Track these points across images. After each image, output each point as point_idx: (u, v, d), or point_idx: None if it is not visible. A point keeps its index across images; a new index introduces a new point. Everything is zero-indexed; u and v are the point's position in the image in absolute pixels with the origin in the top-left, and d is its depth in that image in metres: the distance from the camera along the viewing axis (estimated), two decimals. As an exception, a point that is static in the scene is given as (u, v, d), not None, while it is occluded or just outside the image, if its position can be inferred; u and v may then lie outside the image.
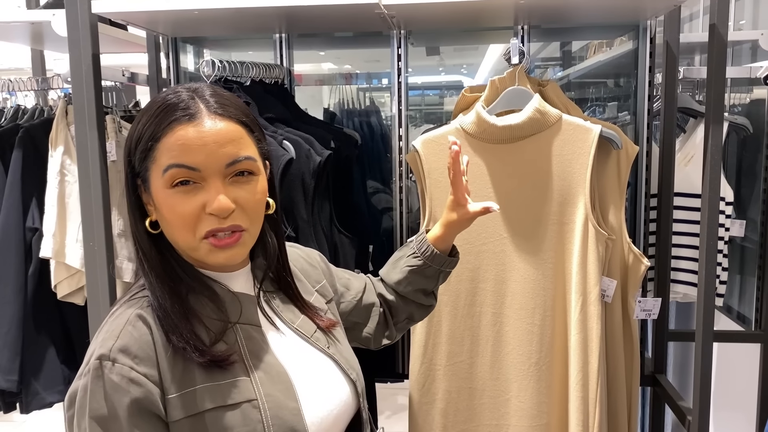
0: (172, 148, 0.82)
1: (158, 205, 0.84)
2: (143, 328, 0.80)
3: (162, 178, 0.82)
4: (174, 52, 1.96)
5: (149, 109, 0.85)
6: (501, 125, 1.41)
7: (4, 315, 1.82)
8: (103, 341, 0.79)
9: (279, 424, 0.82)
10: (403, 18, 1.64)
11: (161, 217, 0.85)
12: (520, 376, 1.47)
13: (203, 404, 0.79)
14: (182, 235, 0.84)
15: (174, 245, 0.88)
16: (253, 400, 0.82)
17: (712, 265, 1.40)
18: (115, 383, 0.76)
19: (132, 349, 0.78)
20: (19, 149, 1.84)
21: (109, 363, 0.77)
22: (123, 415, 0.76)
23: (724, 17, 1.33)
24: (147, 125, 0.83)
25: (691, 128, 2.12)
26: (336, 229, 1.61)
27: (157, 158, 0.82)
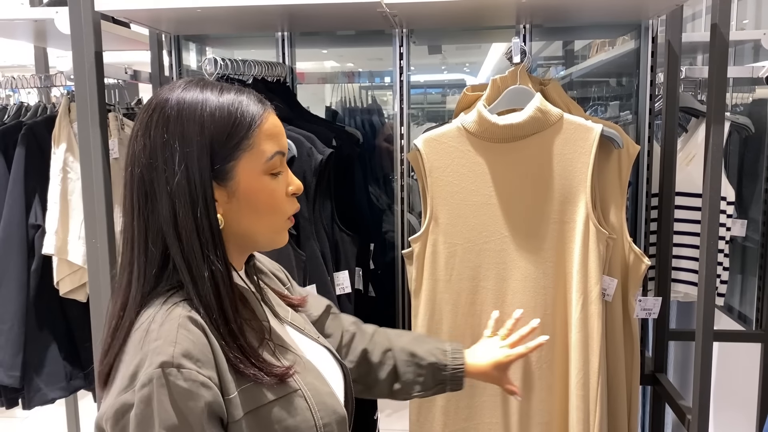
0: (272, 135, 0.86)
1: (249, 193, 0.84)
2: (197, 330, 0.78)
3: (264, 165, 0.85)
4: (176, 49, 1.97)
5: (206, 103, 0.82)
6: (502, 124, 1.41)
7: (6, 311, 1.83)
8: (158, 348, 0.75)
9: (324, 409, 0.86)
10: (406, 16, 1.64)
11: (245, 205, 0.85)
12: (521, 376, 1.47)
13: (259, 400, 0.80)
14: (272, 218, 0.87)
15: (248, 233, 0.87)
16: (297, 390, 0.84)
17: (712, 264, 1.40)
18: (184, 389, 0.73)
19: (194, 353, 0.76)
20: (22, 146, 1.85)
21: (174, 369, 0.73)
22: (195, 421, 0.74)
23: (726, 17, 1.33)
24: (238, 111, 0.83)
25: (693, 128, 2.12)
26: (337, 227, 1.62)
27: (256, 145, 0.84)
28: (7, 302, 1.83)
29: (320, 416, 0.85)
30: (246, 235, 0.88)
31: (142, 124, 0.83)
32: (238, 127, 0.83)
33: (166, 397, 0.73)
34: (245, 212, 0.85)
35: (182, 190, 0.80)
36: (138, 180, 0.81)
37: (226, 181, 0.84)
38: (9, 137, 1.88)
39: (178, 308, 0.79)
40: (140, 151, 0.82)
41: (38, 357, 1.87)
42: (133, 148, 0.83)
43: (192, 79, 0.86)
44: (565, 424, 1.46)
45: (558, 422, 1.48)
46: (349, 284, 1.61)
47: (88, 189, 1.51)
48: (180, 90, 0.84)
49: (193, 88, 0.84)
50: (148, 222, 0.82)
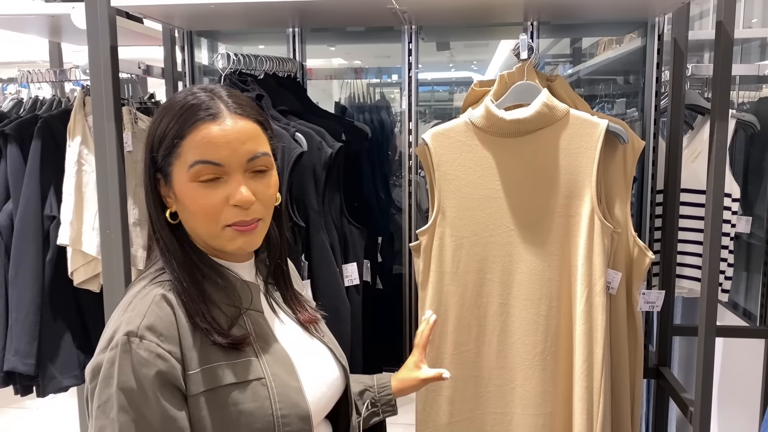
0: (198, 146, 0.89)
1: (181, 197, 0.91)
2: (167, 308, 0.87)
3: (187, 173, 0.89)
4: (189, 45, 1.99)
5: (170, 108, 0.91)
6: (509, 119, 1.43)
7: (22, 300, 1.87)
8: (129, 319, 0.85)
9: (284, 400, 0.91)
10: (415, 13, 1.66)
11: (183, 208, 0.92)
12: (525, 366, 1.50)
13: (219, 380, 0.87)
14: (205, 224, 0.91)
15: (193, 234, 0.95)
16: (261, 378, 0.90)
17: (715, 259, 1.42)
18: (142, 358, 0.83)
19: (158, 328, 0.85)
20: (37, 139, 1.88)
21: (137, 339, 0.83)
22: (149, 386, 0.82)
23: (731, 15, 1.35)
24: (171, 124, 0.90)
25: (699, 125, 2.14)
26: (346, 220, 1.64)
27: (182, 154, 0.89)
28: (22, 291, 1.87)
29: (279, 407, 0.90)
30: (201, 237, 0.95)
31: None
32: (169, 134, 0.90)
33: (127, 362, 0.82)
34: (185, 214, 0.93)
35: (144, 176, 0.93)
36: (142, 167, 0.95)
37: (169, 183, 0.92)
38: (25, 130, 1.91)
39: (158, 287, 0.89)
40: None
41: (53, 345, 1.90)
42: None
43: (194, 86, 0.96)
44: (569, 414, 1.48)
45: (561, 412, 1.50)
46: (357, 276, 1.63)
47: (102, 181, 1.54)
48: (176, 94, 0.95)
49: (178, 94, 0.94)
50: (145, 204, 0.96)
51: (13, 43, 4.09)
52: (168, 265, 0.92)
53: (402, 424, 3.40)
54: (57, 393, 1.96)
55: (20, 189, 1.88)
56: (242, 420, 0.87)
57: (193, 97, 0.91)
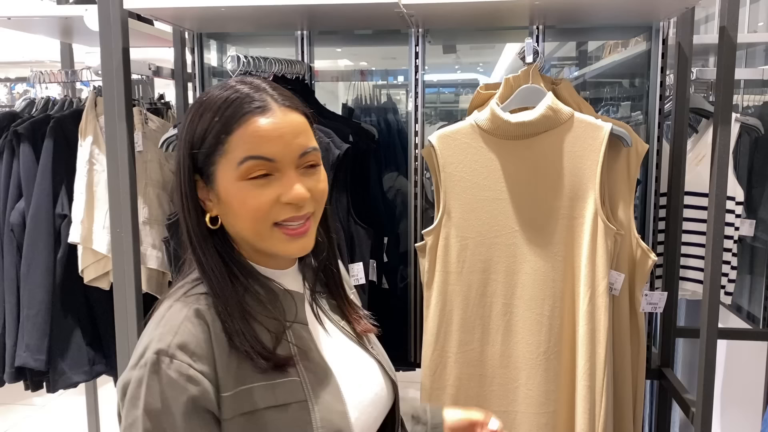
0: (248, 140, 0.82)
1: (226, 198, 0.84)
2: (202, 325, 0.80)
3: (236, 171, 0.82)
4: (199, 47, 2.02)
5: (211, 104, 0.84)
6: (514, 122, 1.45)
7: (33, 297, 1.89)
8: (161, 335, 0.78)
9: (327, 426, 0.82)
10: (422, 17, 1.69)
11: (227, 210, 0.85)
12: (528, 365, 1.52)
13: (256, 403, 0.80)
14: (253, 225, 0.84)
15: (237, 239, 0.88)
16: (303, 401, 0.82)
17: (717, 259, 1.44)
18: (172, 379, 0.76)
19: (190, 346, 0.78)
20: (50, 139, 1.91)
21: (167, 359, 0.76)
22: (177, 411, 0.76)
23: (734, 20, 1.37)
24: (215, 119, 0.83)
25: (704, 129, 2.15)
26: (353, 220, 1.66)
27: (229, 151, 0.82)
28: (34, 288, 1.89)
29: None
30: (241, 239, 0.88)
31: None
32: (214, 131, 0.83)
33: (156, 383, 0.76)
34: (230, 216, 0.85)
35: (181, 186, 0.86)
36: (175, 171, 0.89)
37: (211, 183, 0.85)
38: (38, 130, 1.94)
39: (192, 301, 0.82)
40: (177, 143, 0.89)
41: (63, 342, 1.93)
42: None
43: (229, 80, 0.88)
44: (572, 413, 1.50)
45: (564, 411, 1.52)
46: (363, 276, 1.65)
47: (113, 180, 1.57)
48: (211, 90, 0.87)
49: (215, 89, 0.86)
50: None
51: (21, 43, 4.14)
52: (205, 277, 0.85)
53: (406, 423, 3.39)
54: (67, 389, 1.98)
55: (32, 188, 1.91)
56: None
57: (234, 91, 0.84)
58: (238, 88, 0.85)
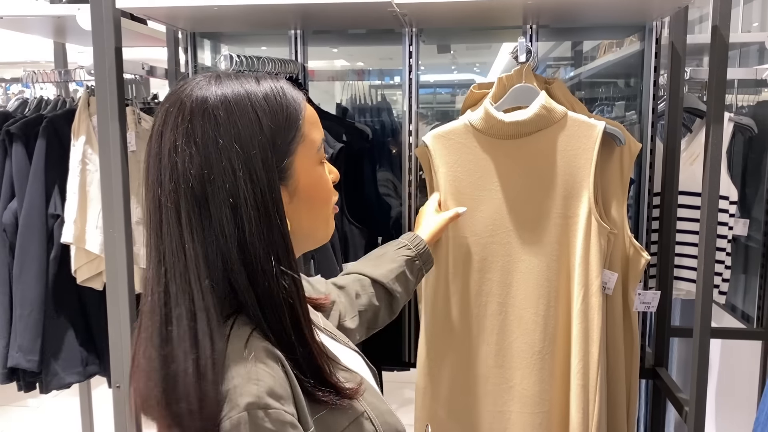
0: (314, 123, 0.78)
1: (309, 186, 0.78)
2: (274, 363, 0.70)
3: (317, 155, 0.79)
4: (192, 46, 2.02)
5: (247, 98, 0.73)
6: (508, 121, 1.45)
7: (26, 297, 1.89)
8: (239, 387, 0.67)
9: (387, 428, 0.81)
10: (415, 16, 1.69)
11: (305, 201, 0.78)
12: (523, 364, 1.52)
13: (333, 429, 0.75)
14: (326, 210, 0.83)
15: (309, 231, 0.82)
16: (363, 412, 0.79)
17: (710, 258, 1.44)
18: (273, 431, 0.67)
19: (277, 390, 0.69)
20: (42, 139, 1.91)
21: (261, 411, 0.66)
22: None
23: (726, 20, 1.37)
24: (280, 109, 0.74)
25: (698, 128, 2.15)
26: (346, 220, 1.66)
27: (306, 136, 0.77)
28: (27, 289, 1.89)
29: None
30: (308, 235, 0.82)
31: (179, 131, 0.71)
32: (290, 118, 0.75)
33: None
34: (305, 210, 0.79)
35: (248, 198, 0.70)
36: (189, 196, 0.70)
37: (287, 179, 0.76)
38: (30, 130, 1.93)
39: (251, 338, 0.71)
40: (187, 162, 0.70)
41: (56, 342, 1.93)
42: (172, 159, 0.71)
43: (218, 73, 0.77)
44: (566, 412, 1.50)
45: (559, 411, 1.52)
46: (357, 275, 1.65)
47: (106, 180, 1.56)
48: (215, 86, 0.74)
49: (230, 81, 0.75)
50: (205, 242, 0.70)
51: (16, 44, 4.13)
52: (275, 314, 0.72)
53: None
54: (60, 389, 1.98)
55: (25, 187, 1.91)
56: None
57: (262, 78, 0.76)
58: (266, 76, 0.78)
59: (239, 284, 0.71)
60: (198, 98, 0.72)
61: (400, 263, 1.24)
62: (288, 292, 0.72)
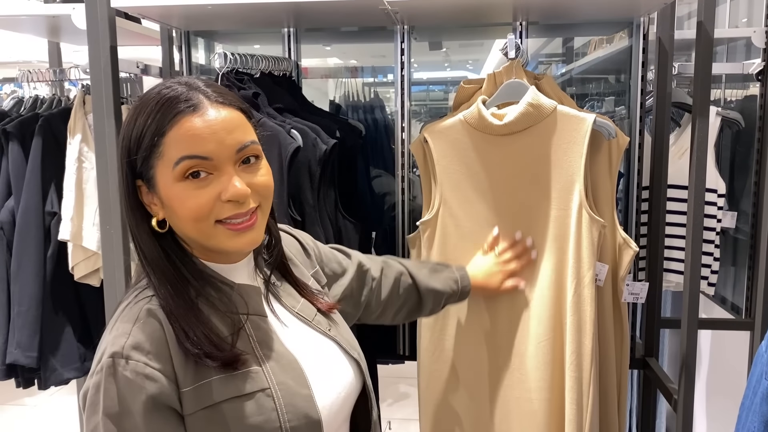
0: (181, 140, 0.81)
1: (168, 201, 0.83)
2: (154, 323, 0.81)
3: (173, 172, 0.82)
4: (186, 45, 2.03)
5: (145, 105, 0.83)
6: (497, 124, 1.47)
7: (24, 294, 1.90)
8: (114, 339, 0.79)
9: (293, 411, 0.84)
10: (406, 13, 1.71)
11: (171, 213, 0.84)
12: (520, 352, 1.53)
13: (218, 395, 0.81)
14: (196, 225, 0.84)
15: (185, 238, 0.88)
16: (266, 389, 0.83)
17: (697, 249, 1.47)
18: (129, 380, 0.76)
19: (145, 346, 0.78)
20: (38, 137, 1.92)
21: (123, 360, 0.77)
22: (138, 410, 0.76)
23: (711, 15, 1.40)
24: (148, 122, 0.82)
25: (686, 123, 2.19)
26: (341, 215, 1.68)
27: (165, 153, 0.82)
28: (24, 286, 1.90)
29: (287, 418, 0.83)
30: (188, 239, 0.88)
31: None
32: (145, 135, 0.82)
33: (112, 385, 0.76)
34: (174, 218, 0.85)
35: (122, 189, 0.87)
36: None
37: (153, 188, 0.85)
38: (26, 128, 1.95)
39: (143, 301, 0.83)
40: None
41: (54, 338, 1.94)
42: None
43: (166, 80, 0.88)
44: (563, 403, 1.52)
45: (557, 400, 1.53)
46: (351, 269, 1.67)
47: (102, 178, 1.58)
48: (147, 92, 0.86)
49: (150, 91, 0.85)
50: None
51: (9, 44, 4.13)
52: (152, 281, 0.85)
53: (397, 419, 3.44)
54: (58, 385, 2.00)
55: (22, 186, 1.92)
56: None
57: (169, 90, 0.83)
58: (172, 87, 0.84)
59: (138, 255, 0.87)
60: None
61: (443, 289, 1.38)
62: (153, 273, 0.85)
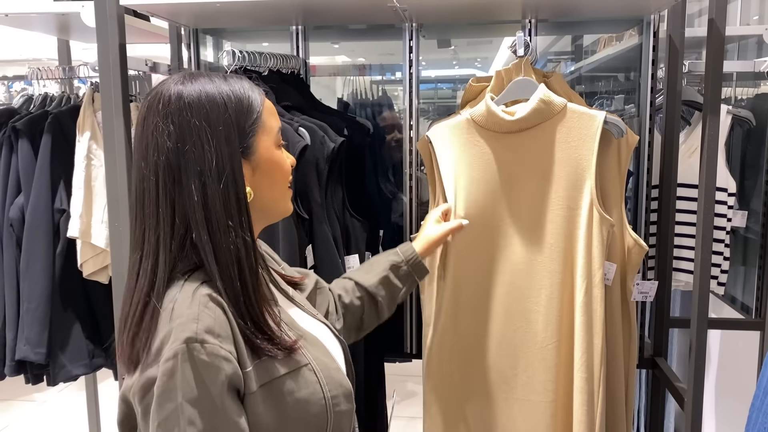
0: (273, 113, 0.96)
1: (269, 164, 0.94)
2: (217, 308, 0.83)
3: (275, 138, 0.96)
4: (195, 42, 2.04)
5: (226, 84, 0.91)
6: (508, 120, 1.46)
7: (33, 291, 1.91)
8: (182, 325, 0.80)
9: (331, 382, 0.92)
10: (415, 11, 1.70)
11: (265, 177, 0.94)
12: (527, 354, 1.52)
13: (272, 373, 0.86)
14: (285, 187, 0.99)
15: (270, 203, 0.97)
16: (307, 364, 0.91)
17: (707, 247, 1.46)
18: (207, 363, 0.78)
19: (215, 329, 0.81)
20: (48, 135, 1.93)
21: (198, 345, 0.78)
22: (216, 393, 0.79)
23: (722, 13, 1.39)
24: (247, 94, 0.92)
25: (696, 121, 2.17)
26: (348, 213, 1.68)
27: (264, 122, 0.94)
28: (33, 282, 1.91)
29: (329, 389, 0.91)
30: (269, 205, 0.97)
31: (160, 115, 0.86)
32: (251, 106, 0.92)
33: (190, 370, 0.77)
34: (267, 183, 0.95)
35: (213, 167, 0.85)
36: (164, 166, 0.85)
37: (250, 155, 0.92)
38: (36, 126, 1.96)
39: (199, 288, 0.84)
40: (166, 138, 0.85)
41: (63, 335, 1.95)
42: (155, 137, 0.86)
43: (191, 72, 0.94)
44: (570, 403, 1.51)
45: (563, 402, 1.52)
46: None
47: (111, 175, 1.58)
48: (189, 81, 0.89)
49: (202, 78, 0.90)
50: (175, 205, 0.85)
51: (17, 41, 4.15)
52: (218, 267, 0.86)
53: (404, 417, 3.44)
54: (67, 381, 2.01)
55: (31, 183, 1.93)
56: (298, 408, 0.87)
57: (228, 78, 0.93)
58: (230, 76, 0.94)
59: (200, 240, 0.85)
60: (175, 89, 0.88)
61: (385, 268, 1.32)
62: (239, 248, 0.86)
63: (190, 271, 0.87)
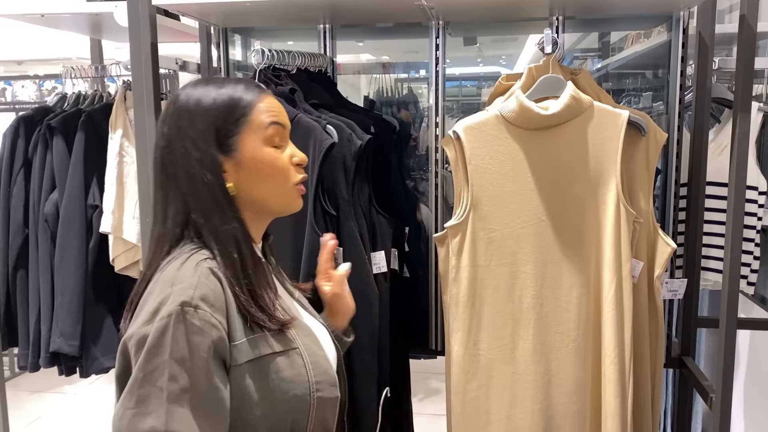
0: (268, 110, 0.99)
1: (252, 164, 0.97)
2: (215, 281, 0.91)
3: (263, 135, 0.98)
4: (224, 41, 2.06)
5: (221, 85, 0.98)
6: (543, 114, 1.45)
7: (67, 285, 1.96)
8: (180, 290, 0.87)
9: (317, 368, 0.98)
10: (442, 9, 1.71)
11: (252, 174, 0.98)
12: (559, 355, 1.50)
13: (263, 350, 0.93)
14: (279, 185, 1.00)
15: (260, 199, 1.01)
16: (296, 348, 0.97)
17: (737, 246, 1.44)
18: (197, 327, 0.85)
19: (210, 299, 0.88)
20: (81, 132, 1.98)
21: (191, 309, 0.85)
22: (202, 355, 0.85)
23: (754, 9, 1.37)
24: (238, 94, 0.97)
25: (726, 119, 2.14)
26: (374, 210, 1.69)
27: (254, 119, 0.97)
28: (67, 277, 1.96)
29: (313, 374, 0.96)
30: (258, 201, 1.01)
31: (162, 118, 0.99)
32: (236, 107, 0.97)
33: (181, 331, 0.84)
34: (253, 180, 0.99)
35: (195, 164, 0.95)
36: (160, 163, 0.97)
37: (231, 152, 0.97)
38: (69, 124, 2.00)
39: (202, 261, 0.92)
40: (160, 139, 0.98)
41: (95, 328, 2.00)
42: (156, 137, 0.99)
43: (202, 77, 1.03)
44: (599, 399, 1.50)
45: (594, 398, 1.51)
46: (385, 264, 1.68)
47: (142, 172, 1.62)
48: (190, 87, 0.99)
49: (200, 84, 0.99)
50: (172, 194, 0.96)
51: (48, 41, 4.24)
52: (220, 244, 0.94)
53: (428, 414, 3.45)
54: (99, 374, 2.05)
55: (65, 179, 1.98)
56: (282, 386, 0.93)
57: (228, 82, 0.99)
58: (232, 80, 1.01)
59: (199, 222, 0.95)
60: (177, 94, 1.00)
61: None
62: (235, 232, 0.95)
63: (196, 249, 0.95)
